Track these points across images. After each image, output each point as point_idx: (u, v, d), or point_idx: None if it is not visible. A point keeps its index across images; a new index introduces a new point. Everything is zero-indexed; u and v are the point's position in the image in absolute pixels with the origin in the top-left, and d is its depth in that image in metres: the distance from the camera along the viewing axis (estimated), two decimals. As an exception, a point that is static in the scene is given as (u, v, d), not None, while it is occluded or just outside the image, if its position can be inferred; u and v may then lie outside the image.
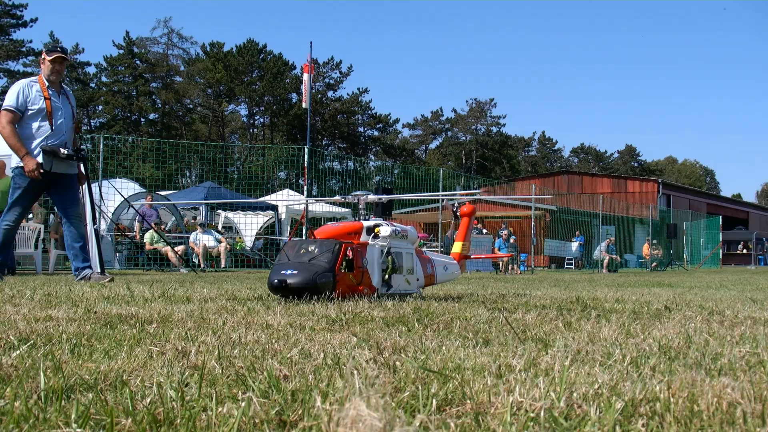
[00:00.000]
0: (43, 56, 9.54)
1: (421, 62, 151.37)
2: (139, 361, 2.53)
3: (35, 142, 9.22)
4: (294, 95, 77.92)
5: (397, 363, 2.45)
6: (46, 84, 9.39)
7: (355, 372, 2.01)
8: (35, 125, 9.23)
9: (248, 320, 3.98)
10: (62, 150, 9.23)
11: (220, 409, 1.78)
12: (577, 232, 36.12)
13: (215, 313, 4.43)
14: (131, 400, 1.83)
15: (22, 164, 9.19)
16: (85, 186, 10.57)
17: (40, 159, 9.18)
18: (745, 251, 57.57)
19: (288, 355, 2.66)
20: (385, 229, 6.14)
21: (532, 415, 1.79)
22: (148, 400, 1.87)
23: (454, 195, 10.21)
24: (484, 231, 28.35)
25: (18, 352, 2.63)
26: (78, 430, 1.64)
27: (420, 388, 2.02)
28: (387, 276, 6.14)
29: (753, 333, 3.65)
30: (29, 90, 9.28)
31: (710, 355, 2.80)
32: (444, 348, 2.91)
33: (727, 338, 3.40)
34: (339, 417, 1.51)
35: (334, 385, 2.05)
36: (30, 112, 9.21)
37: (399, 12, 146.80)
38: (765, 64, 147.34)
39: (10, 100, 9.27)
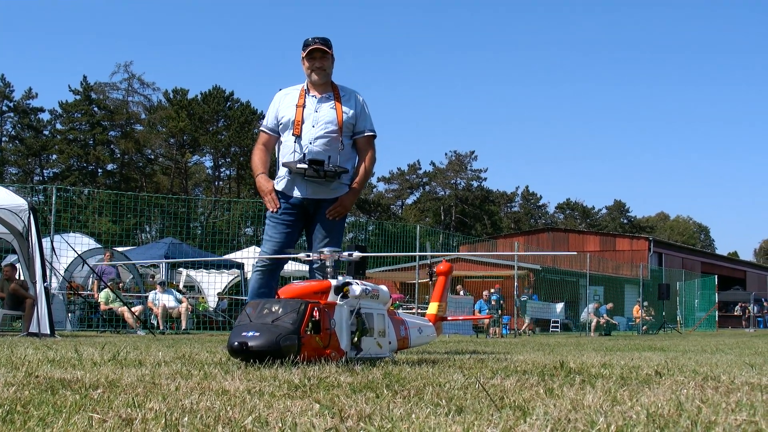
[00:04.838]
0: (302, 56, 7.71)
1: (397, 112, 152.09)
2: (78, 429, 2.46)
3: (282, 162, 7.78)
4: (262, 146, 78.12)
5: (361, 432, 2.40)
6: (305, 88, 7.78)
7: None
8: (285, 141, 7.76)
9: (203, 385, 3.90)
10: (298, 165, 7.48)
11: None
12: (530, 290, 35.86)
13: (168, 377, 4.35)
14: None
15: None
16: (39, 242, 10.33)
17: (282, 183, 7.73)
18: (742, 313, 57.81)
19: (242, 424, 2.60)
20: (354, 289, 6.08)
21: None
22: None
23: (435, 255, 10.18)
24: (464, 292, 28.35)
25: (-57, 419, 2.55)
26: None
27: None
28: (356, 339, 6.08)
29: (750, 400, 3.61)
30: (281, 99, 7.85)
31: (703, 424, 2.76)
32: (413, 416, 2.85)
33: (722, 405, 3.36)
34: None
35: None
36: (281, 125, 7.77)
37: (373, 60, 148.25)
38: (761, 116, 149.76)
39: (266, 117, 8.09)
